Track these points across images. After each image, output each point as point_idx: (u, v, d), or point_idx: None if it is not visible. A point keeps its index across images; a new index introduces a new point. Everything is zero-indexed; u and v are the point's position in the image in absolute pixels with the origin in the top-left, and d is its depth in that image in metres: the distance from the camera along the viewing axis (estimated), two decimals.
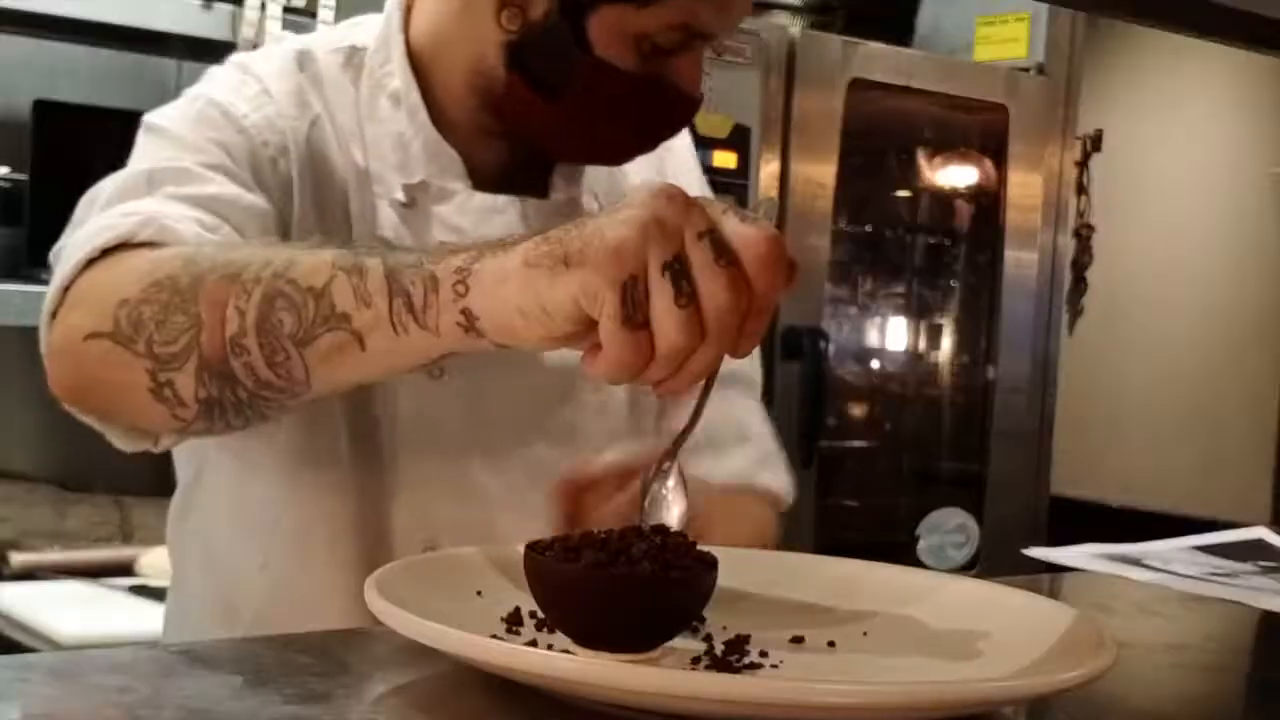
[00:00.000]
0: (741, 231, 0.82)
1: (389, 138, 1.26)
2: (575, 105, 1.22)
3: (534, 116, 1.24)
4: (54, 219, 2.35)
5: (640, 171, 1.38)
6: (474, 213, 1.25)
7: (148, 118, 1.21)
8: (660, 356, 0.82)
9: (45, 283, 2.33)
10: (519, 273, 0.84)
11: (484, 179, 1.27)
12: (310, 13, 2.35)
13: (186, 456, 1.31)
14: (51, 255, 1.11)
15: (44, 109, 2.39)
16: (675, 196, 0.82)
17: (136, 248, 1.03)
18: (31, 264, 2.31)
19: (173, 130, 1.18)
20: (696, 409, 0.89)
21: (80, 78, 2.52)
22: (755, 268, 0.82)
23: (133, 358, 0.98)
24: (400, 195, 1.24)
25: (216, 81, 1.24)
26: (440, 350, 0.91)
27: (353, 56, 1.27)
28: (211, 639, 1.12)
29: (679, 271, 0.81)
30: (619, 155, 1.30)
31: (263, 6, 2.28)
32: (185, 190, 1.10)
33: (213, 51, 2.34)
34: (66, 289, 1.04)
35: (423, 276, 0.89)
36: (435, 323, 0.88)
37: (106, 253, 1.03)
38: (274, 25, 2.30)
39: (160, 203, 1.08)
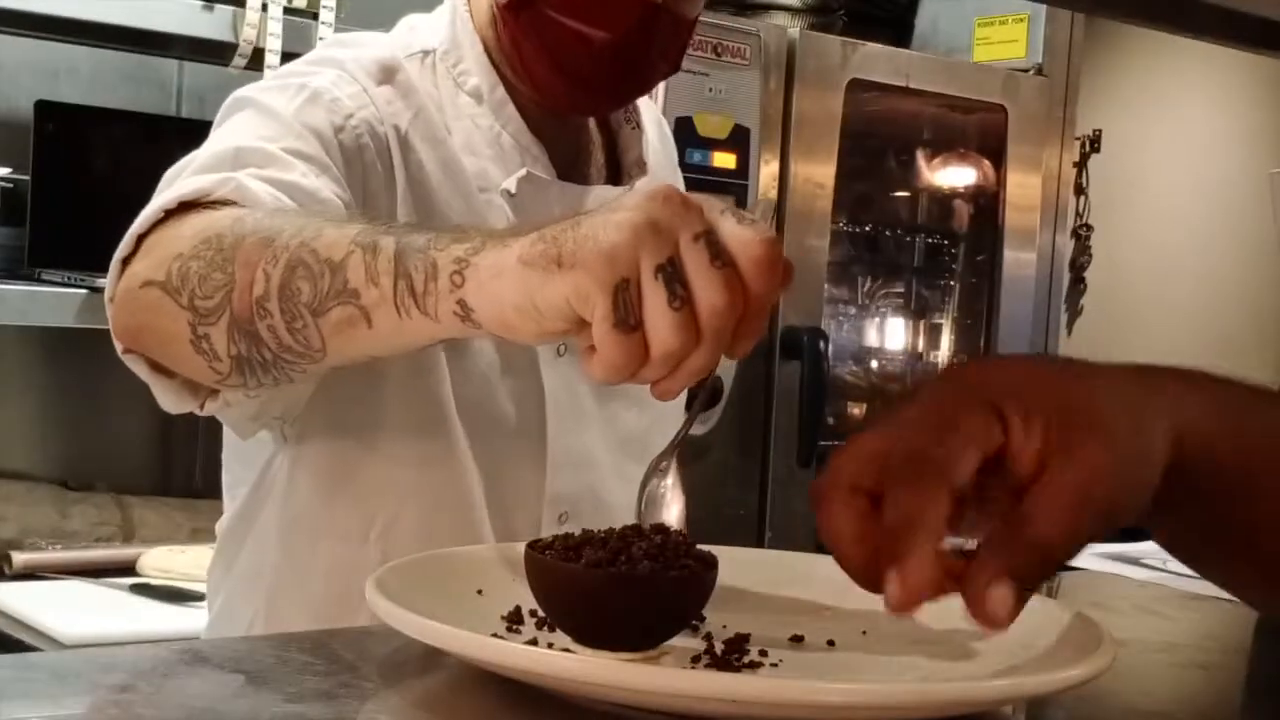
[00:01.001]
0: (738, 233, 0.82)
1: (480, 133, 1.30)
2: (529, 11, 1.26)
3: (507, 36, 1.29)
4: (55, 219, 2.37)
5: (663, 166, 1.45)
6: (568, 203, 1.29)
7: (245, 92, 1.22)
8: (654, 359, 0.82)
9: (47, 282, 2.34)
10: (513, 270, 0.85)
11: (560, 171, 1.32)
12: (311, 14, 2.35)
13: (244, 464, 1.32)
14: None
15: (45, 109, 2.39)
16: (671, 198, 0.83)
17: (208, 207, 1.06)
18: (32, 264, 2.31)
19: (273, 108, 1.19)
20: (692, 409, 0.89)
21: (81, 78, 2.52)
22: (751, 270, 0.82)
23: (178, 309, 1.01)
24: (511, 187, 1.27)
25: (314, 73, 1.25)
26: (442, 335, 0.93)
27: (426, 59, 1.31)
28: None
29: (672, 274, 0.81)
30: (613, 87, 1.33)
31: (264, 7, 2.28)
32: (267, 172, 1.11)
33: (214, 52, 2.34)
34: (142, 238, 1.05)
35: (426, 262, 0.90)
36: (434, 309, 0.90)
37: (184, 209, 1.06)
38: (275, 26, 2.30)
39: (243, 178, 1.09)
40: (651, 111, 1.50)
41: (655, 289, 0.81)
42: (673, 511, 0.95)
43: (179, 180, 1.10)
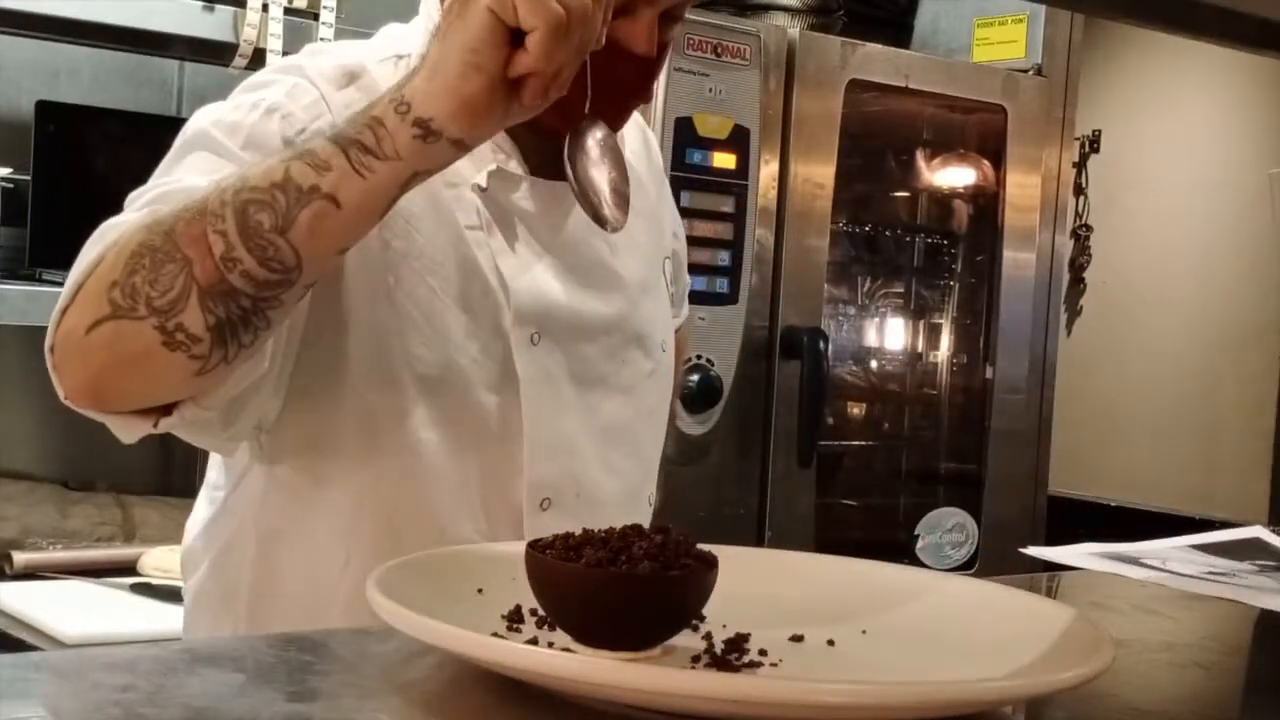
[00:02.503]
0: None
1: None
2: None
3: None
4: (56, 219, 2.37)
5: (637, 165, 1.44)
6: (540, 198, 1.31)
7: (202, 122, 1.24)
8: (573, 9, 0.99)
9: (47, 282, 2.34)
10: (442, 53, 1.02)
11: (534, 169, 1.33)
12: (312, 14, 2.35)
13: (229, 468, 1.32)
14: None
15: (46, 109, 2.39)
16: None
17: None
18: (34, 264, 2.31)
19: (222, 142, 1.22)
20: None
21: (82, 78, 2.52)
22: None
23: (138, 324, 1.05)
24: (481, 181, 1.29)
25: (274, 83, 1.27)
26: (407, 173, 1.04)
27: (399, 62, 1.31)
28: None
29: None
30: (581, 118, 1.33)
31: (264, 8, 2.28)
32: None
33: (214, 53, 2.34)
34: (75, 293, 1.10)
35: (365, 122, 1.03)
36: (394, 149, 1.02)
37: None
38: (275, 26, 2.30)
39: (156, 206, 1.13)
40: (636, 122, 1.50)
41: None
42: (604, 173, 1.12)
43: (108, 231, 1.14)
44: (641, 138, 1.51)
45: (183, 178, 1.18)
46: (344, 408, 1.24)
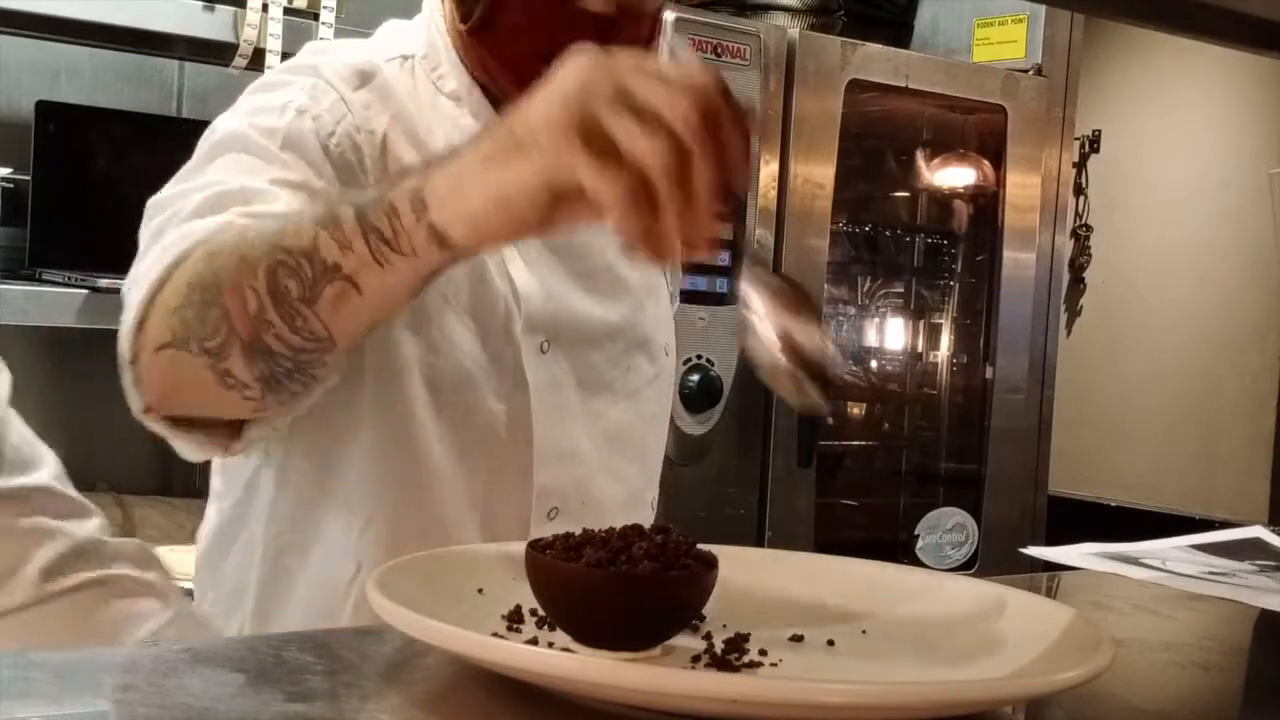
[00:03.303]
0: (677, 67, 0.85)
1: (460, 134, 1.29)
2: (489, 34, 1.27)
3: (474, 57, 1.29)
4: (55, 219, 2.37)
5: None
6: None
7: (234, 125, 1.21)
8: (656, 176, 0.82)
9: (47, 282, 2.34)
10: (474, 173, 0.89)
11: None
12: (312, 14, 2.35)
13: (230, 475, 1.32)
14: (124, 286, 1.13)
15: (46, 109, 2.39)
16: (588, 51, 0.86)
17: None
18: (33, 264, 2.31)
19: (258, 143, 1.19)
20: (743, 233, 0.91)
21: (82, 78, 2.52)
22: (707, 86, 0.84)
23: (192, 358, 1.03)
24: None
25: (291, 83, 1.25)
26: (427, 269, 0.96)
27: (405, 63, 1.31)
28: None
29: (629, 97, 0.83)
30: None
31: (264, 8, 2.28)
32: (252, 209, 1.12)
33: (214, 53, 2.34)
34: (149, 305, 1.07)
35: (385, 208, 0.94)
36: (410, 247, 0.94)
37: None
38: (275, 26, 2.30)
39: (234, 219, 1.10)
40: None
41: (620, 120, 0.83)
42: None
43: (170, 231, 1.11)
44: None
45: (227, 179, 1.15)
46: (357, 417, 1.24)
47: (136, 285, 1.08)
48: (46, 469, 1.13)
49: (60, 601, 1.08)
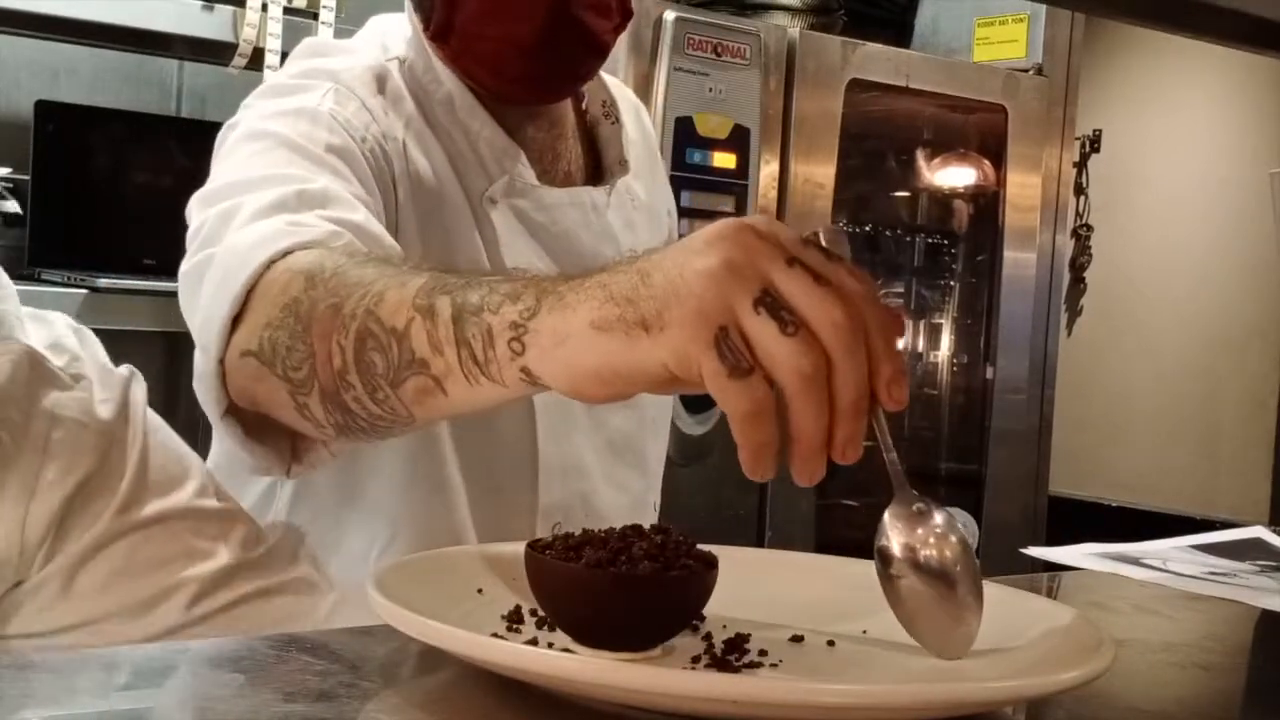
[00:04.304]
0: (830, 268, 0.77)
1: (457, 140, 1.29)
2: (453, 37, 1.26)
3: (449, 62, 1.28)
4: (55, 219, 2.37)
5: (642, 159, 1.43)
6: (550, 208, 1.30)
7: (275, 127, 1.17)
8: (793, 396, 0.75)
9: (47, 282, 2.33)
10: (584, 335, 0.79)
11: (540, 172, 1.31)
12: (311, 14, 2.36)
13: (239, 485, 1.31)
14: (185, 270, 1.08)
15: (45, 109, 2.40)
16: (745, 230, 0.77)
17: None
18: (32, 264, 2.31)
19: (306, 147, 1.15)
20: (885, 439, 0.82)
21: (82, 78, 2.52)
22: (862, 299, 0.76)
23: (276, 380, 0.97)
24: (494, 193, 1.27)
25: (311, 87, 1.22)
26: (516, 397, 0.88)
27: (403, 65, 1.30)
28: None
29: (774, 303, 0.75)
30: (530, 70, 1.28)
31: (264, 7, 2.28)
32: (333, 213, 1.08)
33: (214, 52, 2.35)
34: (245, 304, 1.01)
35: (482, 329, 0.85)
36: (499, 376, 0.85)
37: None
38: (274, 26, 2.30)
39: (318, 222, 1.05)
40: (629, 100, 1.47)
41: (761, 324, 0.74)
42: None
43: (237, 222, 1.05)
44: (635, 116, 1.48)
45: (288, 173, 1.11)
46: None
47: (223, 277, 1.02)
48: (192, 483, 1.05)
49: (215, 620, 1.02)
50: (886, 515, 0.84)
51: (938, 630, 0.84)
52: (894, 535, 0.84)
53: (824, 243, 0.80)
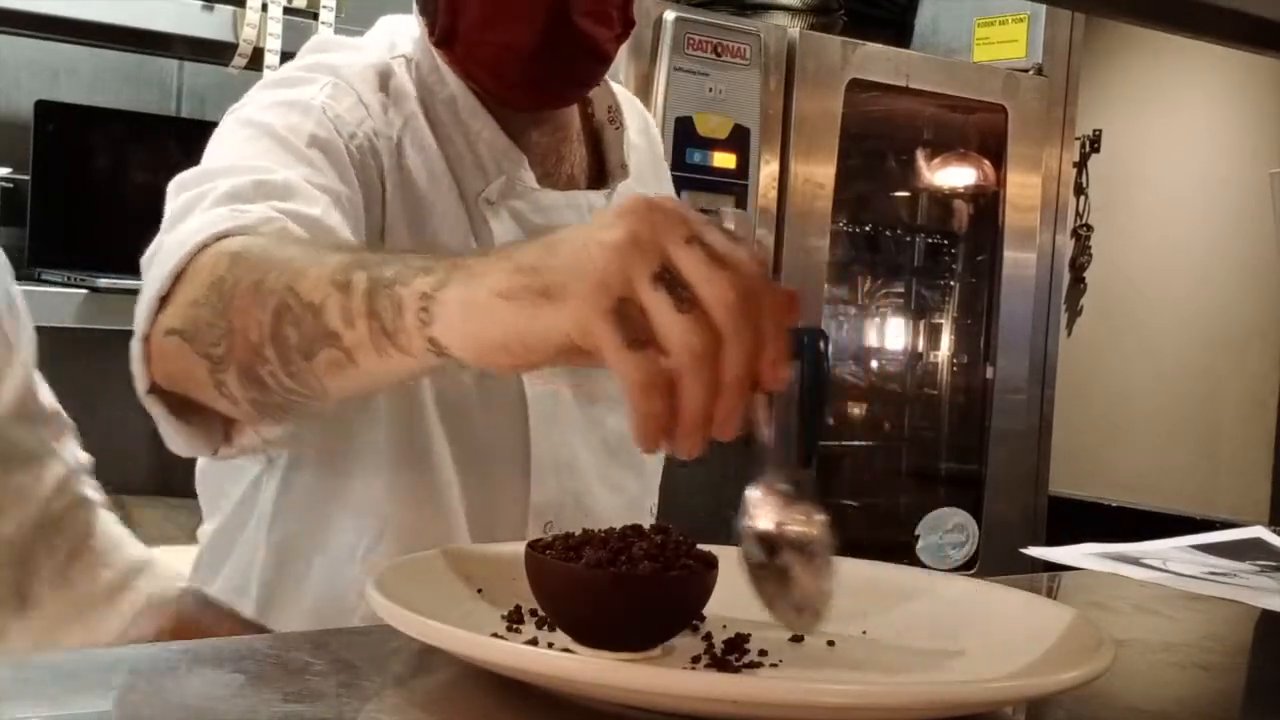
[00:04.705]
0: (729, 249, 0.79)
1: (458, 142, 1.29)
2: (456, 42, 1.26)
3: (453, 66, 1.29)
4: (55, 219, 2.37)
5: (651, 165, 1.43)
6: (548, 210, 1.30)
7: (263, 117, 1.19)
8: (683, 370, 0.77)
9: (47, 282, 2.34)
10: (490, 305, 0.82)
11: (542, 175, 1.31)
12: (311, 14, 2.35)
13: (227, 480, 1.31)
14: (145, 258, 1.10)
15: (45, 109, 2.39)
16: (648, 208, 0.80)
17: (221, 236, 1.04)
18: (32, 264, 2.31)
19: (283, 135, 1.17)
20: (774, 425, 0.84)
21: (82, 78, 2.52)
22: (755, 283, 0.78)
23: (196, 357, 1.00)
24: (491, 195, 1.27)
25: (310, 80, 1.24)
26: (423, 369, 0.91)
27: (409, 65, 1.30)
28: None
29: (671, 280, 0.78)
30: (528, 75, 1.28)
31: (264, 7, 2.28)
32: (290, 206, 1.09)
33: (214, 52, 2.35)
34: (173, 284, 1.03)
35: (393, 301, 0.88)
36: (408, 347, 0.87)
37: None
38: (275, 26, 2.30)
39: (265, 211, 1.07)
40: (636, 108, 1.48)
41: (658, 298, 0.77)
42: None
43: (199, 210, 1.08)
44: (641, 122, 1.49)
45: (255, 164, 1.13)
46: (372, 425, 1.24)
47: (160, 259, 1.04)
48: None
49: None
50: (749, 493, 0.85)
51: (793, 605, 0.84)
52: (758, 514, 0.84)
53: (729, 225, 0.83)
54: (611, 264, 0.78)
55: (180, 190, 1.13)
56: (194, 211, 1.08)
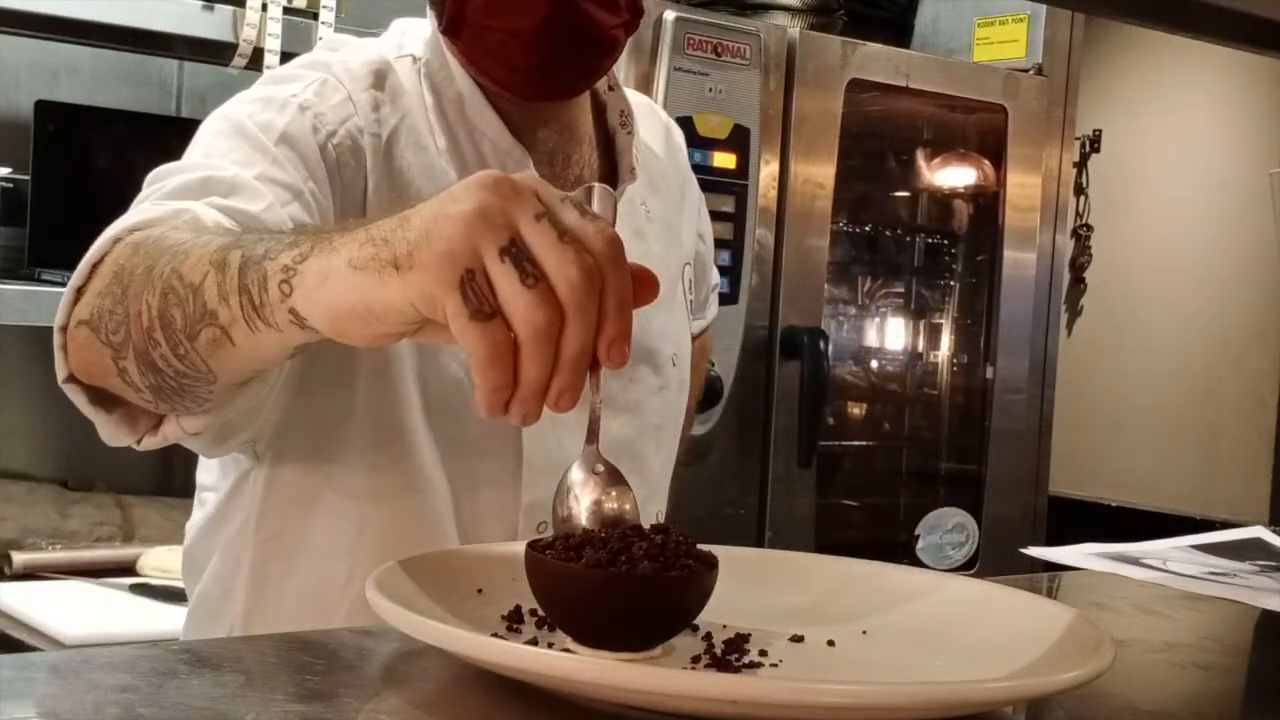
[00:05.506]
0: (580, 226, 0.80)
1: (464, 140, 1.29)
2: (465, 32, 1.26)
3: (462, 58, 1.29)
4: (55, 219, 2.37)
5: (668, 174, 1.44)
6: None
7: (237, 113, 1.21)
8: (524, 343, 0.78)
9: (46, 282, 2.34)
10: (343, 275, 0.84)
11: (551, 178, 1.31)
12: (311, 14, 2.35)
13: (219, 472, 1.31)
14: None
15: (45, 109, 2.39)
16: (500, 182, 0.81)
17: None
18: (33, 264, 2.31)
19: (254, 133, 1.18)
20: (597, 398, 0.87)
21: (82, 78, 2.52)
22: (603, 256, 0.80)
23: (101, 346, 1.01)
24: None
25: (300, 78, 1.25)
26: (294, 343, 0.93)
27: (415, 63, 1.31)
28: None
29: (519, 253, 0.79)
30: (537, 65, 1.28)
31: (264, 7, 2.28)
32: (229, 202, 1.11)
33: (214, 52, 2.34)
34: (89, 276, 1.05)
35: (259, 275, 0.90)
36: (273, 320, 0.90)
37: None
38: (274, 26, 2.30)
39: (201, 209, 1.08)
40: (658, 116, 1.49)
41: (504, 271, 0.78)
42: (583, 503, 0.89)
43: (136, 206, 1.10)
44: (664, 133, 1.49)
45: (209, 161, 1.15)
46: (351, 424, 1.24)
47: (91, 251, 1.06)
48: None
49: None
50: (567, 475, 0.90)
51: None
52: (579, 494, 0.89)
53: (594, 201, 0.86)
54: (459, 235, 0.79)
55: (148, 184, 1.14)
56: (135, 207, 1.10)
